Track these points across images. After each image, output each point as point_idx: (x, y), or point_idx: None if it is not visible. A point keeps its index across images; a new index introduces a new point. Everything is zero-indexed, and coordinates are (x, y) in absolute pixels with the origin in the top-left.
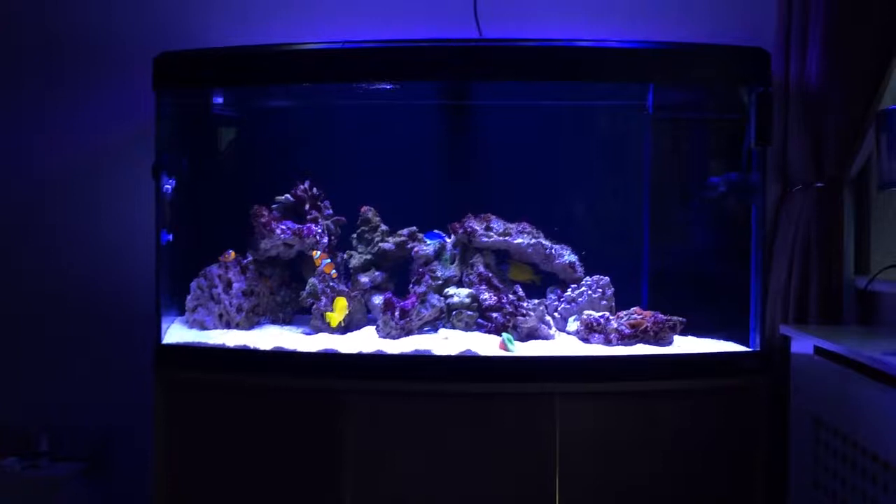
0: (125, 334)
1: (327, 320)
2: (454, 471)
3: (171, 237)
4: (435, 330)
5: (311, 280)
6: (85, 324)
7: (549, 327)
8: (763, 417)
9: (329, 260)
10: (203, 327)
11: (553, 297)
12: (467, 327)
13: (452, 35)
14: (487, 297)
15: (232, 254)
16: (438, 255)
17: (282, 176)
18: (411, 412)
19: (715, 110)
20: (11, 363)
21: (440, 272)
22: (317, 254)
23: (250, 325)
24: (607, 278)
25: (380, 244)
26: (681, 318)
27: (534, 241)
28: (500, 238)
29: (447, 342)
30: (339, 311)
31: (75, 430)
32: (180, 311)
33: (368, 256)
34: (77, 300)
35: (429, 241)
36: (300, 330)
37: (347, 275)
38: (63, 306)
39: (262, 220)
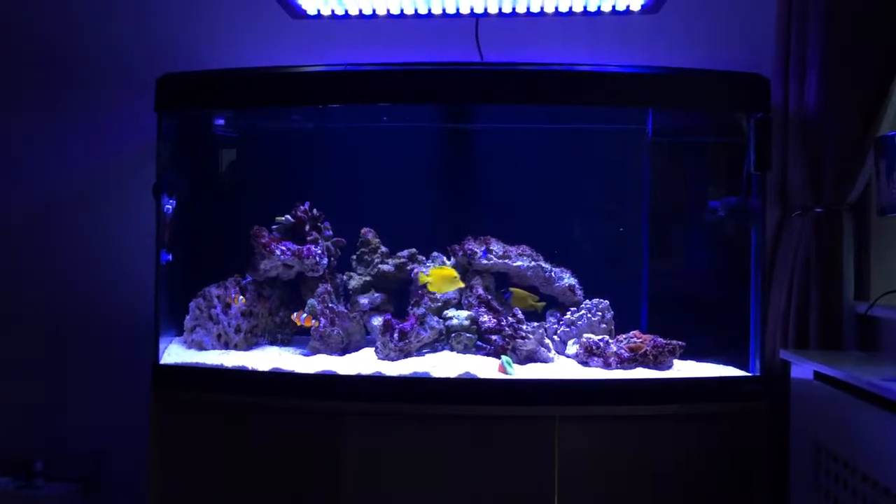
0: (123, 354)
1: (423, 282)
2: (453, 493)
3: (170, 257)
4: (434, 352)
5: (310, 301)
6: (82, 343)
7: (549, 350)
8: (763, 442)
9: (305, 314)
10: (201, 347)
11: (552, 320)
12: (466, 349)
13: (454, 59)
14: (486, 319)
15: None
16: None
17: (282, 197)
18: (409, 434)
19: (714, 135)
20: (7, 384)
21: (439, 294)
22: (293, 315)
23: (249, 345)
24: (606, 302)
25: (379, 266)
26: (680, 342)
27: (533, 263)
28: (500, 260)
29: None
30: (439, 277)
31: (70, 451)
32: (179, 331)
33: (368, 278)
34: (74, 320)
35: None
36: (299, 351)
37: (347, 296)
38: (60, 326)
39: (262, 240)
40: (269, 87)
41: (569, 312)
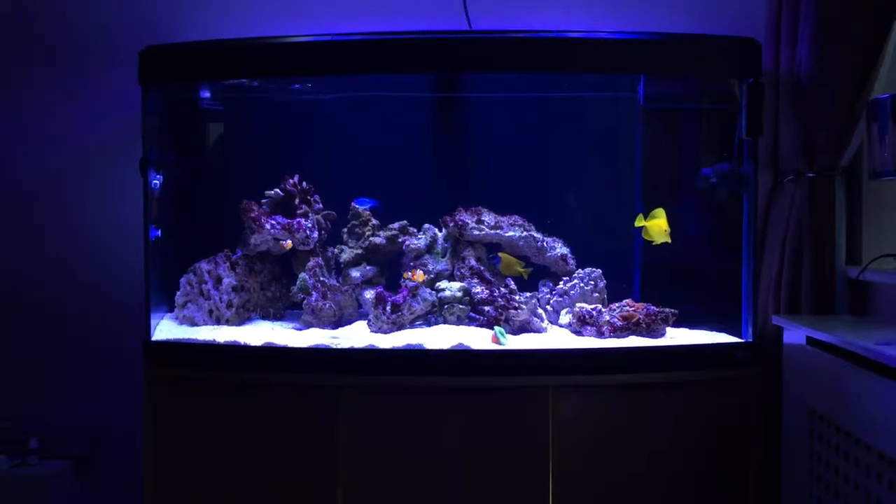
0: (114, 331)
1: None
2: (447, 465)
3: (159, 233)
4: (427, 324)
5: (302, 275)
6: (74, 321)
7: (542, 320)
8: (756, 408)
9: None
10: (193, 323)
11: (545, 289)
12: (459, 321)
13: (442, 27)
14: (479, 290)
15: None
16: (430, 248)
17: (271, 170)
18: (403, 406)
19: (706, 101)
20: (1, 362)
21: (431, 266)
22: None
23: (241, 320)
24: (599, 271)
25: (370, 238)
26: (673, 310)
27: (525, 234)
28: (492, 231)
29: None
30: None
31: (65, 429)
32: (170, 307)
33: (359, 251)
34: (65, 298)
35: (415, 232)
36: (291, 325)
37: (338, 270)
38: (51, 304)
39: (252, 214)
40: (255, 59)
41: (561, 282)
